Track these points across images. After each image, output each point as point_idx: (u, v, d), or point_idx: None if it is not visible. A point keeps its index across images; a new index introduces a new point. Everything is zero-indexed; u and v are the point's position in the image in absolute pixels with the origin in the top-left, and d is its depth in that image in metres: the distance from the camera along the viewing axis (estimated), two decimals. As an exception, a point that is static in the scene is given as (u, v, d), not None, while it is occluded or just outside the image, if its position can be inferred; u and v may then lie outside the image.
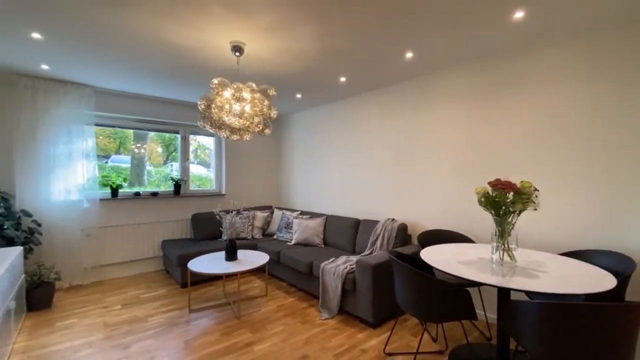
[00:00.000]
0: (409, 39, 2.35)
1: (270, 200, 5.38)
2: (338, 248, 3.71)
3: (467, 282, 1.94)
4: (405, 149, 3.36)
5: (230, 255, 3.04)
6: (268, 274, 3.96)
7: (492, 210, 1.92)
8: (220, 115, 2.31)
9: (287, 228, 4.16)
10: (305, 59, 2.74)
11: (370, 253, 3.23)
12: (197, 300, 3.16)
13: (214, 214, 4.27)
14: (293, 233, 3.96)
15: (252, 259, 3.07)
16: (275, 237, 4.28)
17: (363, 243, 3.44)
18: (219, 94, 2.31)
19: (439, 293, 1.80)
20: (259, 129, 2.53)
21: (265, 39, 2.37)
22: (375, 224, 3.40)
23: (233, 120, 2.34)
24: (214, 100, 2.31)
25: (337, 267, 2.87)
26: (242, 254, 3.26)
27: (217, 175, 4.89)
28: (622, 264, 1.89)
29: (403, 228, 3.19)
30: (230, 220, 3.20)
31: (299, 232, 3.88)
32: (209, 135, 4.81)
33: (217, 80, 2.25)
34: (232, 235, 3.15)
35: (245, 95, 2.30)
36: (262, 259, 3.07)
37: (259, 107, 2.38)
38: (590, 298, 1.66)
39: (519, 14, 2.01)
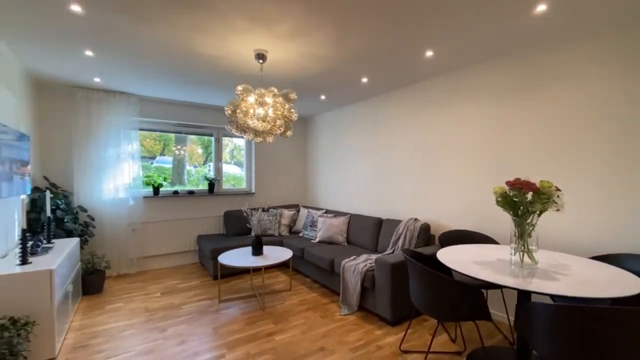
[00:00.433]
0: (429, 38, 2.35)
1: (297, 199, 5.55)
2: (361, 247, 3.76)
3: (484, 283, 1.92)
4: (429, 148, 3.33)
5: (257, 250, 3.22)
6: (294, 270, 4.12)
7: (510, 211, 1.88)
8: (245, 120, 2.48)
9: (312, 226, 4.28)
10: (326, 62, 2.84)
11: (392, 252, 3.24)
12: (226, 292, 3.39)
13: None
14: (317, 231, 4.08)
15: (276, 255, 3.23)
16: (301, 234, 4.42)
17: (385, 242, 3.46)
18: (244, 100, 2.48)
19: (451, 292, 1.81)
20: (281, 131, 2.66)
21: (286, 46, 2.50)
22: (398, 224, 3.41)
23: (257, 124, 2.50)
24: (239, 106, 2.49)
25: (357, 264, 2.94)
26: (267, 250, 3.44)
27: (247, 175, 5.15)
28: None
29: (426, 228, 3.16)
30: (259, 218, 3.38)
31: (323, 230, 3.99)
32: (241, 137, 5.07)
33: (241, 87, 2.42)
34: (258, 232, 3.33)
35: (268, 100, 2.45)
36: (285, 255, 3.22)
37: (281, 110, 2.52)
38: (617, 303, 1.59)
39: (541, 7, 1.94)
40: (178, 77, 3.25)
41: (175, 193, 4.41)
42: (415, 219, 3.27)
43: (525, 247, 1.85)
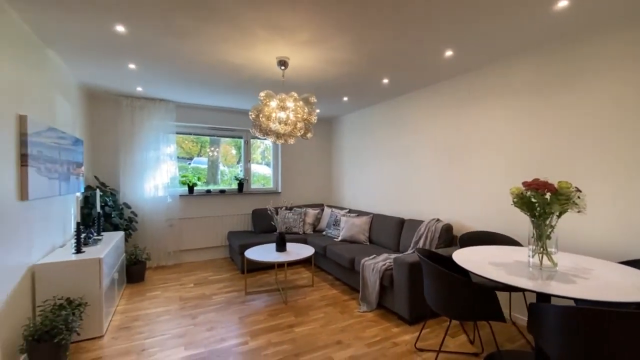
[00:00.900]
0: (447, 38, 2.36)
1: (322, 199, 5.67)
2: (382, 246, 3.80)
3: (499, 284, 1.90)
4: (452, 148, 3.29)
5: (280, 247, 3.39)
6: (317, 267, 4.24)
7: (527, 212, 1.86)
8: (268, 123, 2.64)
9: (335, 225, 4.38)
10: (346, 65, 2.92)
11: (413, 252, 3.25)
12: (252, 285, 3.59)
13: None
14: (340, 230, 4.17)
15: (298, 251, 3.37)
16: (324, 233, 4.53)
17: (407, 242, 3.47)
18: (266, 105, 2.64)
19: (462, 291, 1.82)
20: (302, 134, 2.79)
21: (306, 52, 2.62)
22: (420, 224, 3.40)
23: (278, 127, 2.65)
24: (262, 110, 2.65)
25: (376, 263, 2.99)
26: (291, 247, 3.59)
27: (274, 175, 5.36)
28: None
29: (447, 229, 3.14)
30: (284, 216, 3.55)
31: (346, 229, 4.07)
32: (264, 139, 5.28)
33: (263, 93, 2.58)
34: (282, 229, 3.49)
35: (289, 104, 2.59)
36: (307, 252, 3.35)
37: (301, 113, 2.65)
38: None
39: (563, 3, 1.88)
40: (209, 84, 3.50)
41: (208, 192, 4.72)
42: (437, 220, 3.25)
43: (544, 249, 1.81)
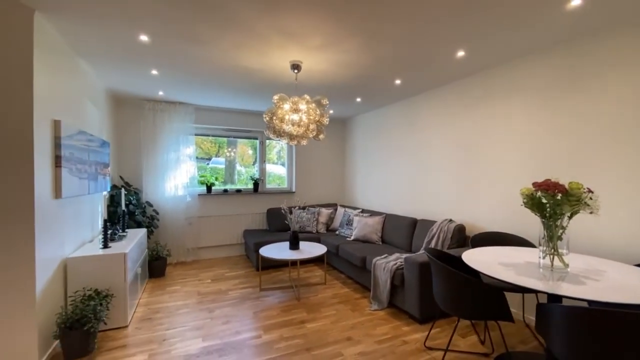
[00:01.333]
0: (459, 38, 2.36)
1: (335, 198, 5.73)
2: (395, 246, 3.82)
3: (509, 285, 1.91)
4: (465, 149, 3.28)
5: (293, 245, 3.47)
6: (329, 266, 4.30)
7: (537, 213, 1.85)
8: (281, 125, 2.73)
9: (348, 224, 4.43)
10: (358, 67, 2.97)
11: (424, 252, 3.26)
12: (267, 282, 3.70)
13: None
14: (353, 229, 4.21)
15: (311, 250, 3.45)
16: (337, 232, 4.59)
17: (419, 242, 3.48)
18: (280, 107, 2.73)
19: (469, 291, 1.84)
20: (314, 135, 2.87)
21: (319, 55, 2.69)
22: (432, 224, 3.41)
23: (291, 129, 2.73)
24: (276, 113, 2.74)
25: (387, 262, 3.03)
26: (304, 245, 3.68)
27: (288, 175, 5.47)
28: None
29: (460, 229, 3.13)
30: (297, 216, 3.64)
31: (358, 228, 4.11)
32: (278, 140, 5.39)
33: (277, 97, 2.67)
34: (295, 228, 3.58)
35: (302, 107, 2.67)
36: (319, 250, 3.42)
37: (313, 115, 2.72)
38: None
39: (576, 2, 1.87)
40: (226, 87, 3.64)
41: (225, 191, 4.88)
42: (450, 220, 3.24)
43: (555, 250, 1.81)
